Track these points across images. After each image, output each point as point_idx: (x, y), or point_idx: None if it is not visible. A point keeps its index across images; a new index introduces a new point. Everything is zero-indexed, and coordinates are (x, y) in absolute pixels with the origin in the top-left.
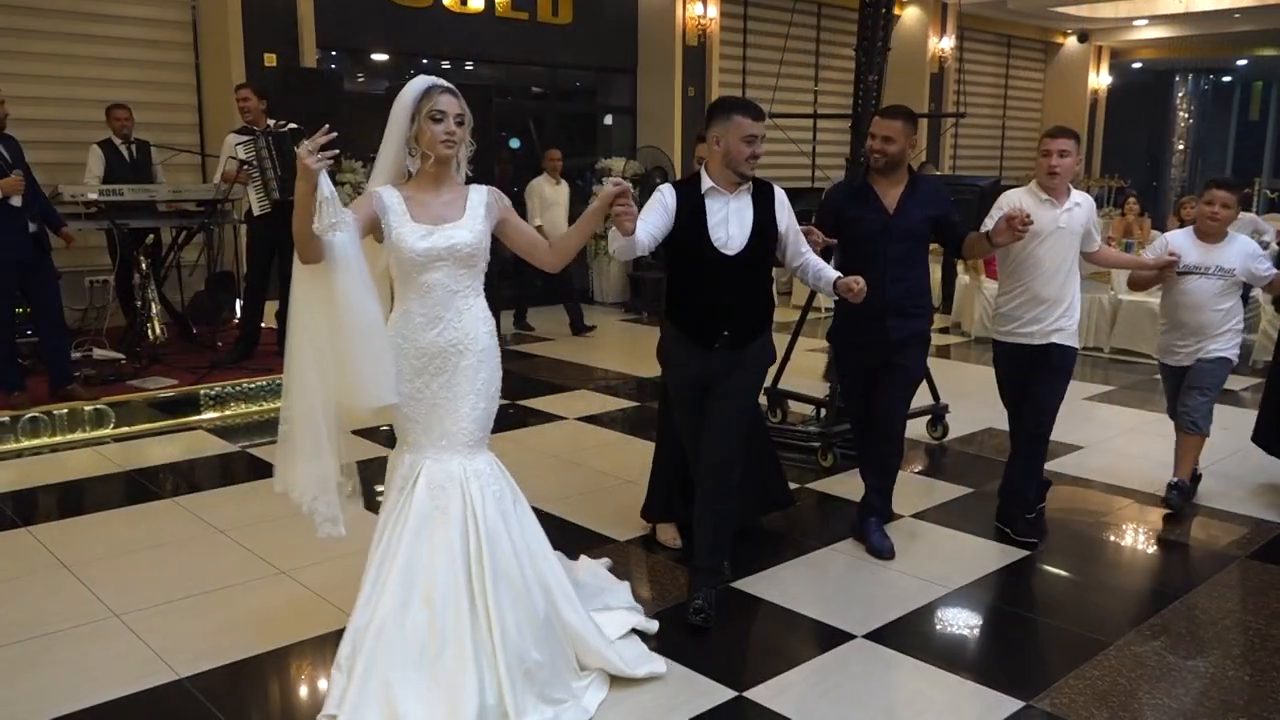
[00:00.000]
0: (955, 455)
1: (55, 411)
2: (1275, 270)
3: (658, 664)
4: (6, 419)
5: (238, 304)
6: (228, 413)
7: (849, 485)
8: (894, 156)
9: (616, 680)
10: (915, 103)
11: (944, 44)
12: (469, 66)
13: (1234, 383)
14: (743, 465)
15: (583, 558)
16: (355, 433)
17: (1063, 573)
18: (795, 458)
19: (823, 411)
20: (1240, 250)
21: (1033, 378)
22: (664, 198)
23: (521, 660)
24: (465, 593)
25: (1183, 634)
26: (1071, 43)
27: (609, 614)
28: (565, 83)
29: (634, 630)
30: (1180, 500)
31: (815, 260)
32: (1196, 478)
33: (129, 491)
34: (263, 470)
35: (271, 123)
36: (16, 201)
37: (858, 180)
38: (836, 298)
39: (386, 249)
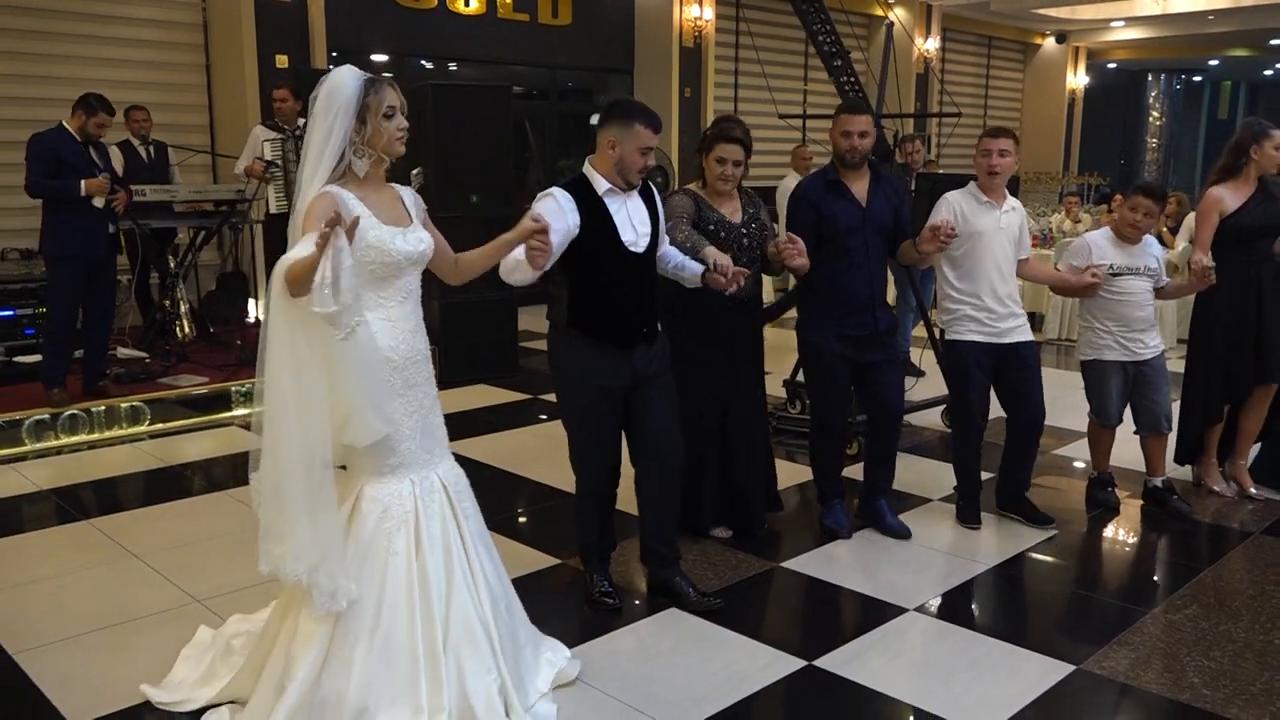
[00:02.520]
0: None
1: (93, 409)
2: (1168, 279)
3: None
4: (46, 416)
5: (250, 304)
6: (257, 408)
7: None
8: (867, 151)
9: (677, 650)
10: (901, 102)
11: (928, 45)
12: (464, 67)
13: None
14: (757, 470)
15: None
16: None
17: (1090, 550)
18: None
19: None
20: (1157, 250)
21: (1006, 377)
22: (561, 203)
23: (513, 642)
24: (472, 598)
25: (1212, 603)
26: (1050, 43)
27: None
28: (564, 83)
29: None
30: (1175, 500)
31: (675, 252)
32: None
33: (177, 485)
34: None
35: (302, 123)
36: (99, 203)
37: (831, 175)
38: (731, 290)
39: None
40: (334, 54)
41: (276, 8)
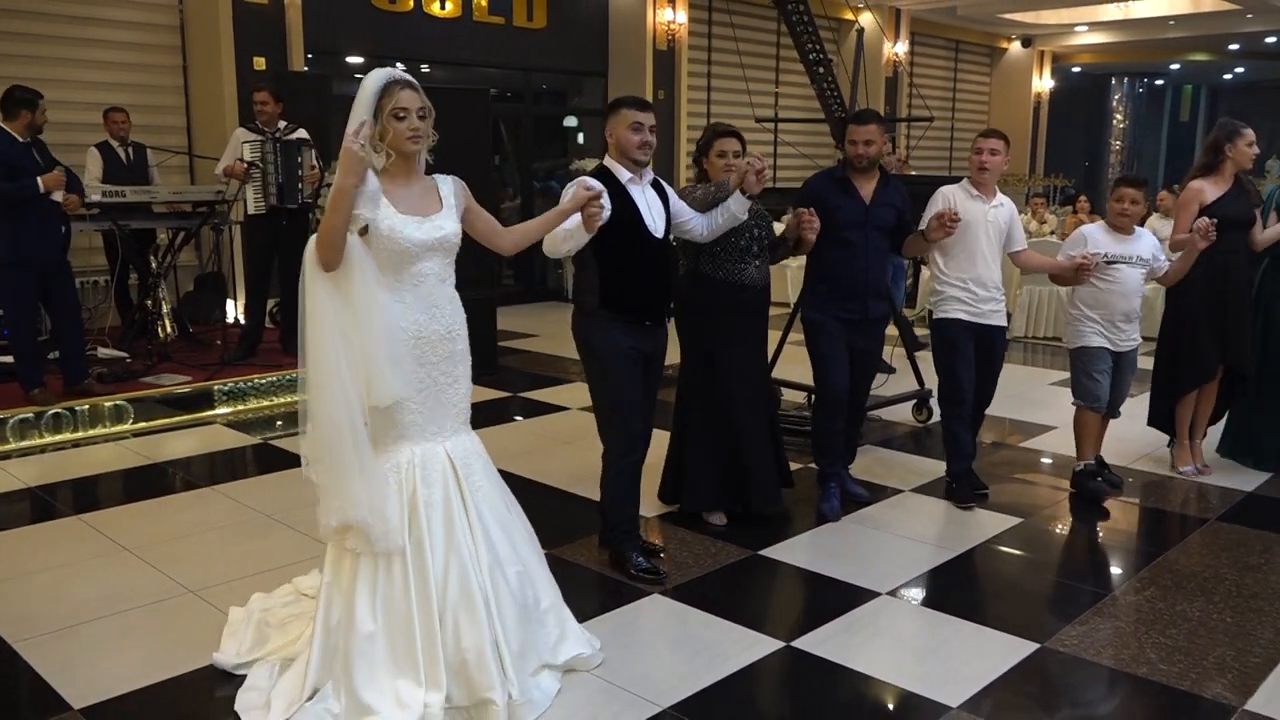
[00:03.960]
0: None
1: (77, 408)
2: (1167, 262)
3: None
4: (30, 415)
5: (228, 304)
6: (240, 407)
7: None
8: (875, 157)
9: (660, 632)
10: (872, 104)
11: (898, 49)
12: (440, 70)
13: None
14: (769, 451)
15: None
16: None
17: (1054, 537)
18: (799, 441)
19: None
20: (1151, 242)
21: (977, 359)
22: (599, 187)
23: (525, 607)
24: (473, 569)
25: (1169, 585)
26: (1015, 48)
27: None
28: (539, 86)
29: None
30: (1107, 472)
31: (705, 216)
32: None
33: (164, 482)
34: (291, 460)
35: (283, 125)
36: (58, 196)
37: (839, 172)
38: (763, 170)
39: (370, 239)
40: (310, 56)
41: (254, 10)
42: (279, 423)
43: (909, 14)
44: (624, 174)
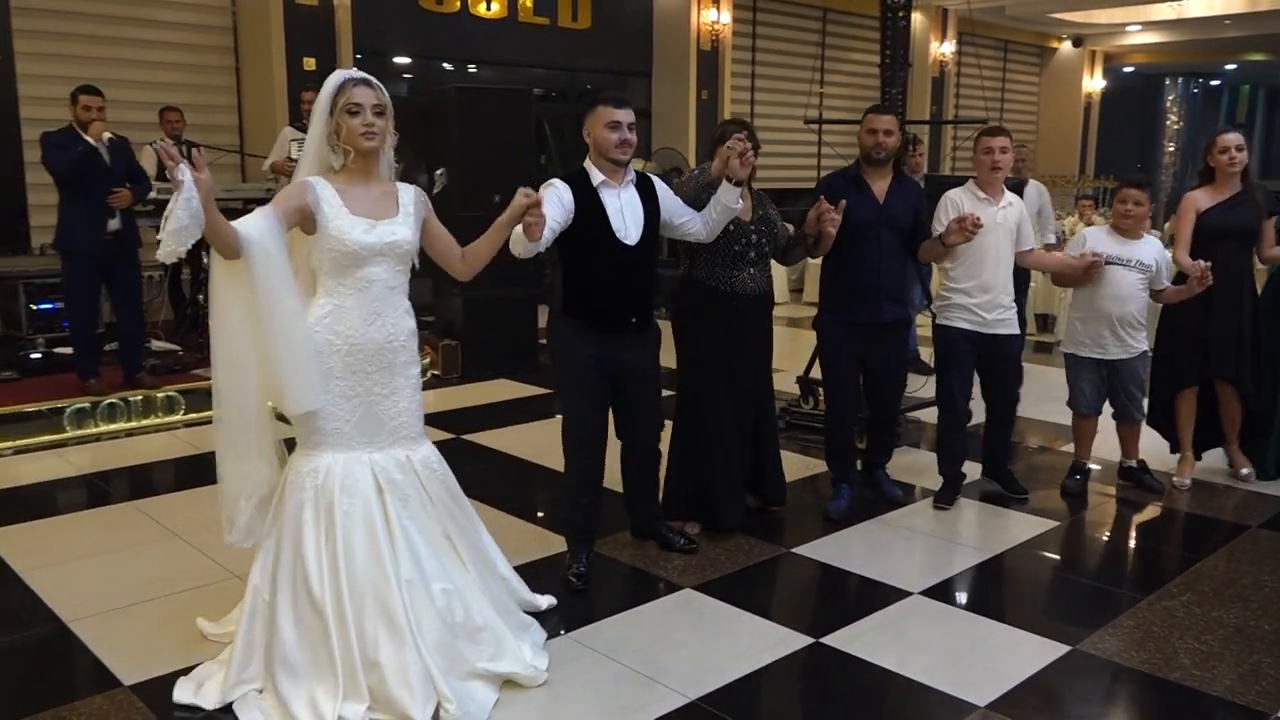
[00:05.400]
0: (976, 439)
1: (130, 398)
2: (1169, 285)
3: (542, 659)
4: (86, 405)
5: None
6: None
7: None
8: (893, 149)
9: (692, 626)
10: (918, 106)
11: (944, 49)
12: (485, 70)
13: None
14: (743, 466)
15: None
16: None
17: (1091, 541)
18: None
19: None
20: (1157, 250)
21: (988, 364)
22: (559, 191)
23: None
24: (394, 582)
25: (1206, 591)
26: (1066, 47)
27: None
28: (582, 85)
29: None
30: (1148, 478)
31: (701, 214)
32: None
33: (213, 471)
34: None
35: None
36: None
37: (851, 171)
38: (746, 154)
39: (317, 241)
40: (359, 56)
41: (304, 11)
42: None
43: (956, 13)
44: (597, 176)
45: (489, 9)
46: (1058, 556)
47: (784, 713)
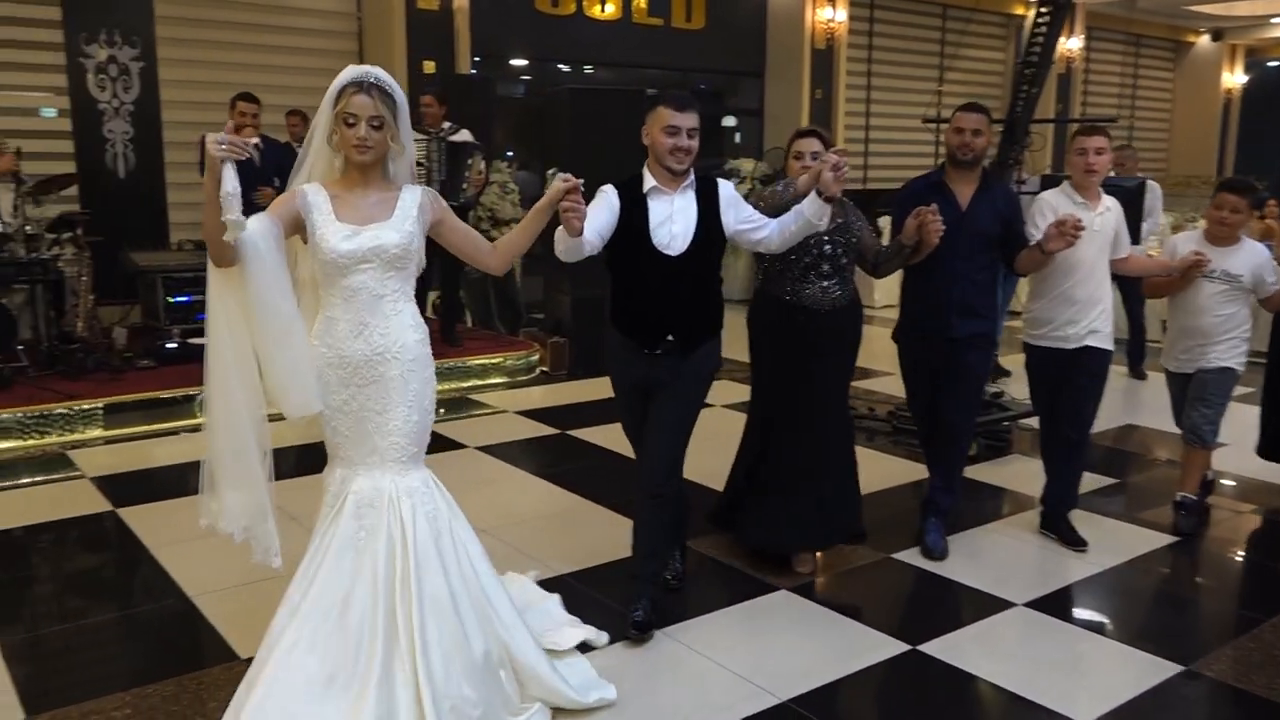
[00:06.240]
0: (1097, 449)
1: None
2: (1276, 284)
3: (608, 690)
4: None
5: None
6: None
7: (993, 472)
8: (981, 150)
9: (787, 628)
10: (1043, 105)
11: (1071, 44)
12: (600, 71)
13: None
14: (791, 490)
15: (509, 573)
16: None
17: (1210, 558)
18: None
19: None
20: (1251, 258)
21: (1067, 383)
22: (609, 197)
23: (449, 695)
24: (384, 621)
25: None
26: (1204, 41)
27: (558, 631)
28: (696, 86)
29: (583, 644)
30: (1192, 523)
31: (777, 222)
32: (1208, 487)
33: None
34: (448, 442)
35: (446, 125)
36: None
37: (935, 176)
38: (840, 165)
39: (310, 250)
40: (477, 59)
41: (425, 16)
42: (440, 409)
43: (1084, 7)
44: (649, 182)
45: (604, 10)
46: (1173, 573)
47: (875, 719)
